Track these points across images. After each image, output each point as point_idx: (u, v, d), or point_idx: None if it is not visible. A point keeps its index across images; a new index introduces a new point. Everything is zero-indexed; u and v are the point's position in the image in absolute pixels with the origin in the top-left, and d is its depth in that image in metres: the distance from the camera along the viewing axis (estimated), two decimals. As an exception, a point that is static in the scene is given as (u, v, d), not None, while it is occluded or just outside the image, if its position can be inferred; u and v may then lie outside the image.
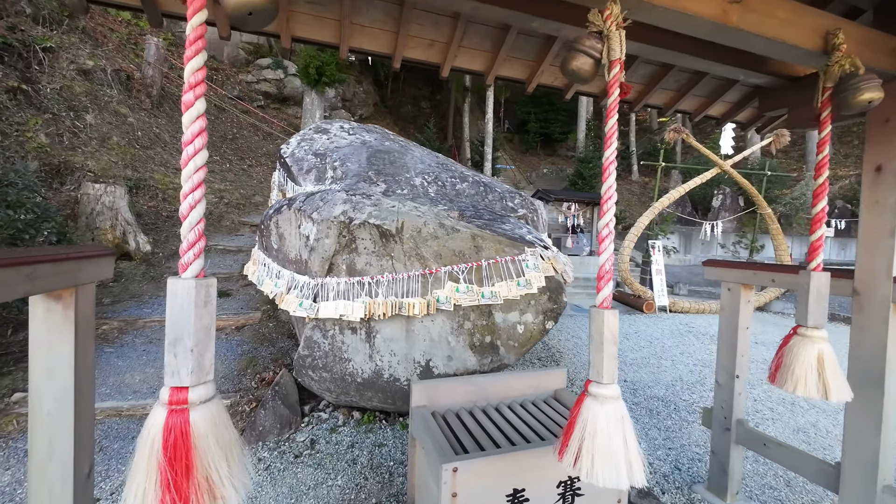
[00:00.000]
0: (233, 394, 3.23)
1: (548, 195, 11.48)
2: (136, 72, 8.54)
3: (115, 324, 4.15)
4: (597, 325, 1.13)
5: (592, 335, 1.14)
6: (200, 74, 0.80)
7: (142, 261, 5.44)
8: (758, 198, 9.73)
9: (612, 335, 1.12)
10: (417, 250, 2.47)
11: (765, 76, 1.97)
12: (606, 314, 1.11)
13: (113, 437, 2.82)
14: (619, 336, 6.02)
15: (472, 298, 2.37)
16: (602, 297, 1.14)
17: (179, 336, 0.76)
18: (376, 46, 1.78)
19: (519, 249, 2.60)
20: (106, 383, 3.28)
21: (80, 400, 1.26)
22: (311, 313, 2.54)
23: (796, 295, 1.51)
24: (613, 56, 1.13)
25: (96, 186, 5.14)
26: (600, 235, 1.14)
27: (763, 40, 1.41)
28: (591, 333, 1.14)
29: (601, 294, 1.15)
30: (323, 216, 2.60)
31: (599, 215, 1.14)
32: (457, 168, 4.00)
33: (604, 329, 1.11)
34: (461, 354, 2.46)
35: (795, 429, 3.50)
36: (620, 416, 1.09)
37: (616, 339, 1.13)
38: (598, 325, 1.12)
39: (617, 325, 1.13)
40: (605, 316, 1.11)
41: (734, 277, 2.28)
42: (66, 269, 1.17)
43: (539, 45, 1.90)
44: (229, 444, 0.81)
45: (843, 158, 20.03)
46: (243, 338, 4.17)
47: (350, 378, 2.66)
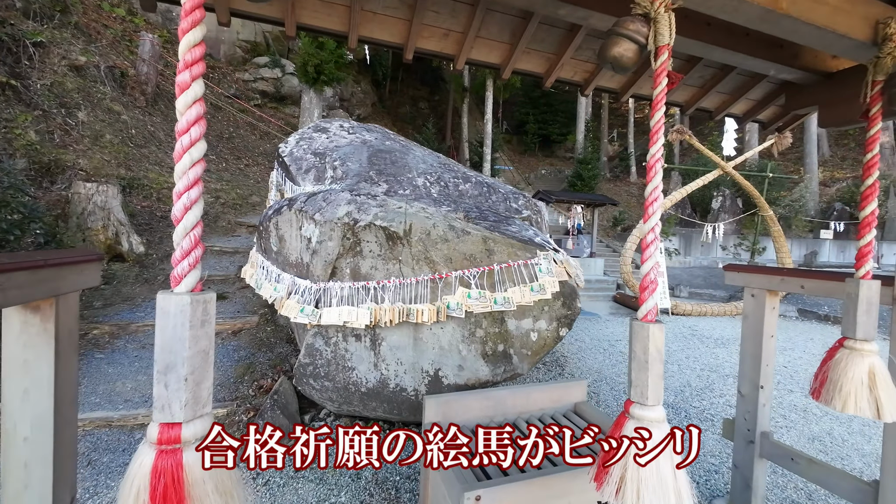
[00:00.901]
0: (229, 402, 3.08)
1: (548, 196, 11.39)
2: (130, 69, 8.36)
3: (107, 328, 3.99)
4: (640, 341, 1.01)
5: (635, 352, 1.02)
6: (198, 51, 0.68)
7: (135, 262, 5.28)
8: (759, 200, 9.68)
9: (658, 352, 1.00)
10: (426, 253, 2.34)
11: (796, 71, 1.87)
12: (652, 329, 1.00)
13: (102, 450, 2.67)
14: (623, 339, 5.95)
15: (485, 305, 2.24)
16: (646, 309, 1.03)
17: (171, 363, 0.63)
18: (388, 36, 1.66)
19: (531, 253, 2.49)
20: (95, 392, 3.13)
21: (62, 423, 1.12)
22: (313, 320, 2.41)
23: (843, 304, 1.40)
24: (661, 41, 1.01)
25: (88, 185, 4.98)
26: (645, 241, 1.02)
27: (811, 29, 1.30)
28: (634, 350, 1.03)
29: (645, 306, 1.03)
30: (326, 217, 2.47)
31: (644, 218, 1.02)
32: (459, 168, 3.89)
33: (649, 345, 0.99)
34: (473, 364, 2.34)
35: (810, 437, 3.40)
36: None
37: (662, 356, 1.01)
38: (643, 340, 1.00)
39: (663, 341, 1.01)
40: (651, 331, 1.00)
41: (759, 283, 2.18)
42: (44, 277, 1.04)
43: (561, 37, 1.79)
44: (230, 489, 0.68)
45: (840, 161, 20.13)
46: (240, 343, 4.03)
47: (354, 388, 2.53)
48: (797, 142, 18.73)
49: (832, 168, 19.47)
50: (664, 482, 0.95)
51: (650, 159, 1.02)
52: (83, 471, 2.45)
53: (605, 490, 1.00)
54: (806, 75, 1.90)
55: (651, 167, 1.02)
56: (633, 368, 1.03)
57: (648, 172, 1.03)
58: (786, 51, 1.80)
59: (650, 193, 1.02)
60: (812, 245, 13.70)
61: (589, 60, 1.96)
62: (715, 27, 1.63)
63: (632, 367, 1.03)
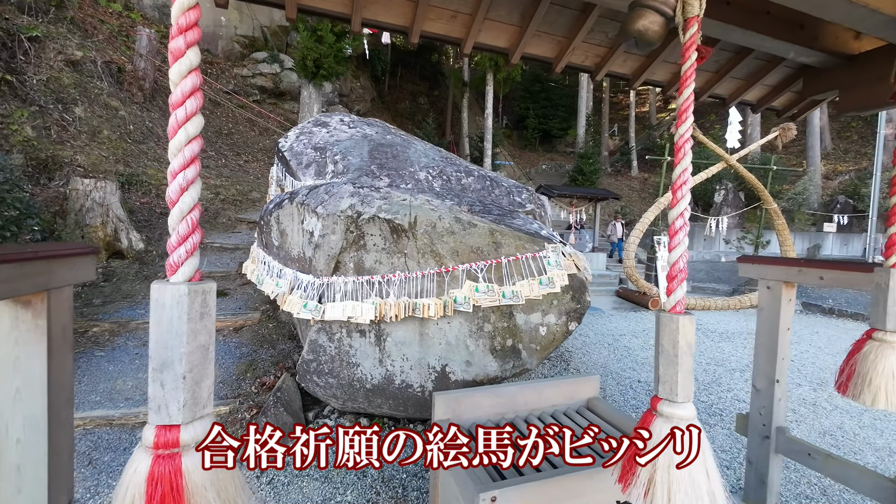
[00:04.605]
0: (232, 400, 3.04)
1: (549, 191, 11.31)
2: (127, 64, 8.26)
3: (107, 326, 3.94)
4: (669, 334, 0.95)
5: (663, 345, 0.96)
6: (193, 15, 0.61)
7: (135, 259, 5.23)
8: (763, 193, 9.56)
9: (688, 345, 0.94)
10: (432, 247, 2.28)
11: (816, 53, 1.80)
12: (682, 321, 0.94)
13: (104, 449, 2.62)
14: (627, 334, 5.89)
15: (493, 299, 2.18)
16: (674, 299, 0.97)
17: (168, 359, 0.57)
18: (392, 18, 1.59)
19: (539, 246, 2.42)
20: (96, 390, 3.08)
21: (56, 424, 1.06)
22: (317, 315, 2.35)
23: (871, 295, 1.34)
24: (690, 12, 0.94)
25: (86, 182, 4.91)
26: (673, 227, 0.96)
27: (840, 3, 1.23)
28: (662, 343, 0.96)
29: (673, 296, 0.97)
30: (328, 211, 2.40)
31: (671, 204, 0.96)
32: (461, 162, 3.83)
33: (678, 338, 0.93)
34: (481, 360, 2.28)
35: (821, 432, 3.35)
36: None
37: (693, 350, 0.95)
38: (671, 333, 0.94)
39: (694, 334, 0.95)
40: (681, 323, 0.93)
41: (775, 275, 2.11)
42: (34, 270, 0.97)
43: (573, 18, 1.71)
44: (234, 496, 0.63)
45: (843, 154, 19.99)
46: (242, 339, 3.97)
47: (358, 384, 2.48)
48: (800, 134, 18.62)
49: (835, 161, 19.35)
50: (697, 484, 0.89)
51: (678, 140, 0.96)
52: (84, 470, 2.41)
53: (632, 492, 0.95)
54: (826, 58, 1.83)
55: (680, 148, 0.96)
56: (660, 363, 0.97)
57: (677, 154, 0.96)
58: (806, 31, 1.72)
59: (679, 176, 0.95)
60: (815, 238, 13.62)
61: (601, 44, 1.88)
62: (734, 6, 1.56)
63: (659, 361, 0.97)
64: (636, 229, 8.35)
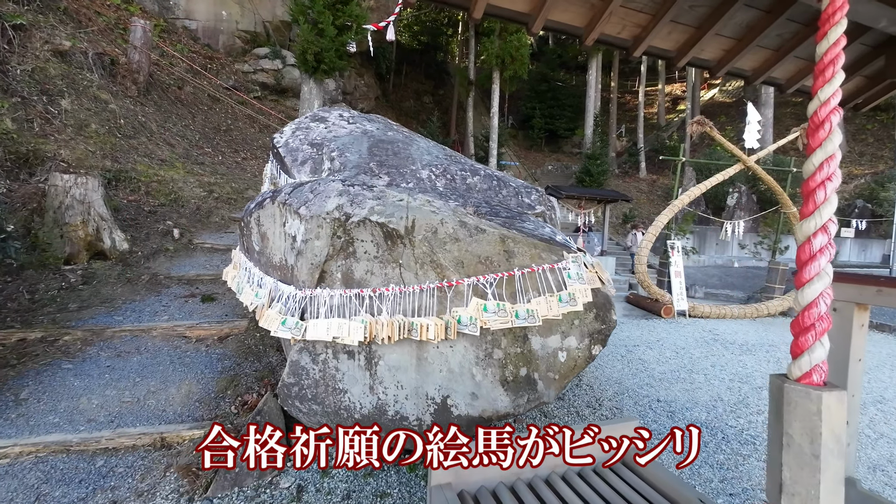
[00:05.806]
0: (207, 423, 2.70)
1: (558, 192, 10.95)
2: (121, 56, 7.98)
3: (79, 334, 3.61)
4: (804, 419, 0.59)
5: (792, 436, 0.61)
6: None
7: (118, 260, 4.91)
8: (783, 196, 9.19)
9: (836, 441, 0.58)
10: (433, 256, 1.93)
11: (916, 23, 1.43)
12: (825, 399, 0.58)
13: (56, 481, 2.29)
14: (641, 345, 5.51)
15: (505, 319, 1.83)
16: (808, 364, 0.61)
17: None
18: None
19: (557, 255, 2.07)
20: (55, 410, 2.75)
21: None
22: (297, 334, 2.01)
23: None
24: None
25: (65, 177, 4.60)
26: (808, 248, 0.60)
27: None
28: (790, 433, 0.61)
29: (806, 359, 0.61)
30: (313, 212, 2.06)
31: (806, 205, 0.60)
32: (466, 161, 3.49)
33: (821, 428, 0.58)
34: (490, 392, 1.93)
35: (870, 466, 2.98)
36: None
37: (843, 447, 0.59)
38: (807, 418, 0.59)
39: (844, 418, 0.59)
40: (824, 403, 0.58)
41: (846, 294, 1.74)
42: None
43: (612, -29, 1.36)
44: None
45: (858, 157, 19.45)
46: (226, 350, 3.64)
47: (346, 413, 2.13)
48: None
49: (850, 164, 18.83)
50: None
51: (820, 108, 0.60)
52: (27, 510, 2.08)
53: None
54: (928, 28, 1.47)
55: (822, 123, 0.60)
56: (785, 462, 0.61)
57: (817, 132, 0.61)
58: (911, -8, 1.36)
59: (819, 166, 0.60)
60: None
61: (643, 9, 1.53)
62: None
63: (783, 458, 0.61)
64: (649, 233, 7.97)
